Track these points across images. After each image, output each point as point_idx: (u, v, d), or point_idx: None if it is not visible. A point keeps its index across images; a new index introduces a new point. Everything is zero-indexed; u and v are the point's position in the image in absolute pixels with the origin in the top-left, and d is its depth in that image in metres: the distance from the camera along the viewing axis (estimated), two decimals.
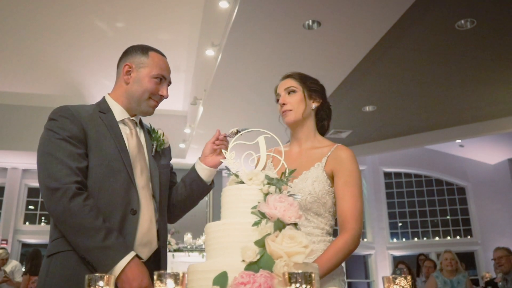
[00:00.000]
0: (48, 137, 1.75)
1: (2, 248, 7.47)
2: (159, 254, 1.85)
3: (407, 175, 12.77)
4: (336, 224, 1.91)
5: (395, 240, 12.37)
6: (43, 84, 8.63)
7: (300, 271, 0.89)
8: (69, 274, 1.65)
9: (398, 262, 6.26)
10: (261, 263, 1.15)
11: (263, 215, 1.25)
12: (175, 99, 9.14)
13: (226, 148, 1.94)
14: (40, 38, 7.36)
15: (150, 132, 2.04)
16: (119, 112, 1.91)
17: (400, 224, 12.49)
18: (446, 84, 7.02)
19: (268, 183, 1.33)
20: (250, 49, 5.53)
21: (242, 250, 1.16)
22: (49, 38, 7.37)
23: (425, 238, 12.28)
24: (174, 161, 2.04)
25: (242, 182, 1.37)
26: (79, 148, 1.73)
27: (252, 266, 1.14)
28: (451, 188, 12.45)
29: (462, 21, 5.50)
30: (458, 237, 12.09)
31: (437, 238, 12.18)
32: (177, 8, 6.73)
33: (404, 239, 12.40)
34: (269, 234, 1.19)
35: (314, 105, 2.02)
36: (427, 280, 5.86)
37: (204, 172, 1.99)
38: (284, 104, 1.98)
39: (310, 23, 5.08)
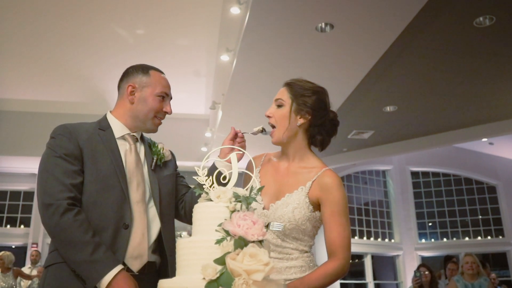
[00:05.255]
0: (47, 155, 1.84)
1: (36, 250, 8.27)
2: (153, 266, 1.89)
3: (435, 174, 12.52)
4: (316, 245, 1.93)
5: (423, 240, 12.15)
6: (68, 91, 8.90)
7: None
8: (62, 285, 1.73)
9: (419, 265, 6.16)
10: (221, 281, 1.17)
11: (227, 233, 1.27)
12: (197, 103, 9.26)
13: (244, 147, 1.97)
14: (64, 47, 7.59)
15: (150, 147, 2.08)
16: (119, 128, 1.98)
17: (430, 224, 12.26)
18: (467, 82, 6.86)
19: (236, 201, 1.36)
20: (264, 53, 5.55)
21: (203, 268, 1.19)
22: (72, 46, 7.58)
23: (454, 239, 12.02)
24: (196, 164, 2.04)
25: (211, 200, 1.40)
26: (75, 165, 1.81)
27: (212, 284, 1.17)
28: (481, 187, 12.14)
29: (481, 18, 5.35)
30: (489, 237, 11.79)
31: (467, 239, 11.91)
32: (196, 15, 6.82)
33: (433, 240, 12.17)
34: (229, 252, 1.22)
35: (300, 121, 1.88)
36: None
37: (228, 168, 1.95)
38: (269, 117, 1.93)
39: (323, 26, 5.05)
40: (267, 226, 1.72)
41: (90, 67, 8.09)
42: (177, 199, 2.11)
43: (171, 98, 2.06)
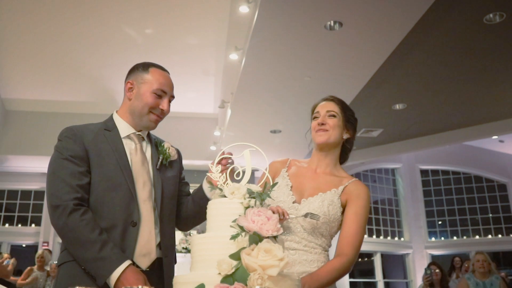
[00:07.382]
0: (54, 157, 1.87)
1: (47, 249, 8.32)
2: (161, 262, 1.91)
3: (445, 172, 12.45)
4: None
5: (433, 239, 12.10)
6: (78, 91, 8.96)
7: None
8: (73, 283, 1.75)
9: (430, 263, 6.14)
10: (236, 276, 1.19)
11: (241, 229, 1.28)
12: (206, 102, 9.28)
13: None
14: (73, 47, 7.64)
15: (157, 146, 2.10)
16: (125, 128, 1.99)
17: (439, 223, 12.19)
18: (477, 79, 6.82)
19: (250, 197, 1.37)
20: (273, 52, 5.56)
21: (218, 263, 1.20)
22: (81, 47, 7.64)
23: (464, 237, 11.95)
24: (205, 163, 2.00)
25: (225, 196, 1.41)
26: (81, 166, 1.84)
27: (228, 279, 1.18)
28: (491, 185, 12.05)
29: (491, 15, 5.33)
30: (499, 236, 11.70)
31: (477, 237, 11.83)
32: (204, 14, 6.84)
33: (443, 238, 12.11)
34: (244, 247, 1.23)
35: (346, 135, 2.06)
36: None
37: (212, 192, 1.92)
38: (323, 124, 2.01)
39: (332, 24, 5.06)
40: (306, 216, 1.83)
41: (99, 66, 8.14)
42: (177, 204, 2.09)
43: (172, 97, 2.02)
